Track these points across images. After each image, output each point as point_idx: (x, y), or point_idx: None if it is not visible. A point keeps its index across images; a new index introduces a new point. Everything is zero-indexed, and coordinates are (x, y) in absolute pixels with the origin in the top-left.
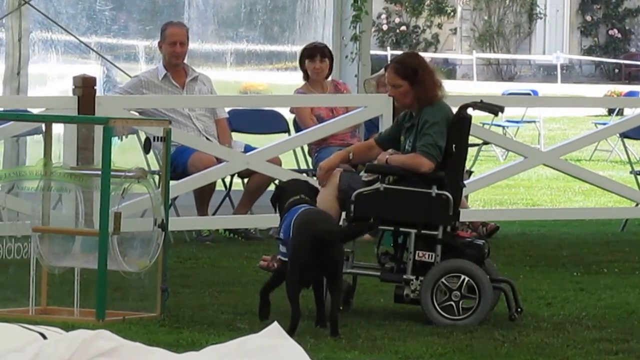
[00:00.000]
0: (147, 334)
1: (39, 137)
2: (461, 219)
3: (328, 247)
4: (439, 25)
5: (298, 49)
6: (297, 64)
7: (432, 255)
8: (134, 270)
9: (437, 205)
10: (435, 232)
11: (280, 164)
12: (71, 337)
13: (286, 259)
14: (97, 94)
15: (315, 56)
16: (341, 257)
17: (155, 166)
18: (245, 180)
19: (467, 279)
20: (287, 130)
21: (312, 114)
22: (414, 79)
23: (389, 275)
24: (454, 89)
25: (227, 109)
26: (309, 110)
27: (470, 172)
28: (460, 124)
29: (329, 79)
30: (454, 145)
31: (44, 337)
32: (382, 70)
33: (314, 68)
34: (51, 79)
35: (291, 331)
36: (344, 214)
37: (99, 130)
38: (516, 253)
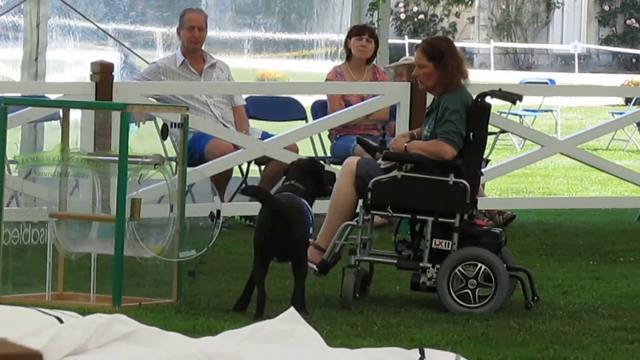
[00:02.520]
0: (163, 319)
1: (57, 123)
2: (478, 207)
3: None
4: (457, 14)
5: (315, 36)
6: (314, 51)
7: (449, 243)
8: (151, 256)
9: (455, 193)
10: (452, 220)
11: (297, 151)
12: (88, 321)
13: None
14: (115, 80)
15: (363, 34)
16: (300, 236)
17: (172, 153)
18: (262, 167)
19: (483, 267)
20: (305, 118)
21: (342, 99)
22: (439, 61)
23: (406, 263)
24: (471, 78)
25: (245, 96)
26: (339, 95)
27: (487, 161)
28: (479, 112)
29: (371, 64)
30: (471, 134)
31: (61, 321)
32: (401, 60)
33: (359, 45)
34: (69, 65)
35: (259, 314)
36: (361, 201)
37: (116, 116)
38: (532, 242)
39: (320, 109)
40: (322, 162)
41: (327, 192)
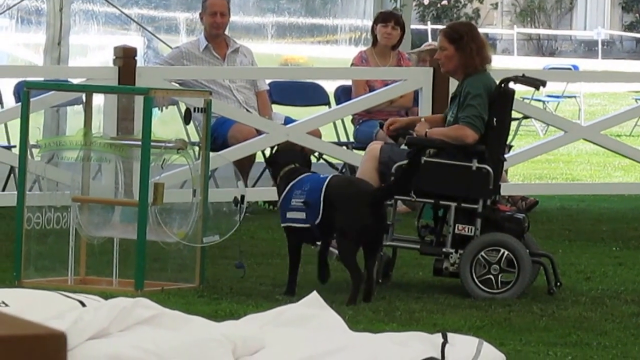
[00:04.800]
0: (186, 304)
1: (79, 108)
2: (501, 192)
3: (381, 206)
4: (480, 0)
5: (339, 22)
6: (338, 36)
7: (471, 229)
8: (174, 241)
9: (478, 179)
10: (475, 206)
11: (320, 136)
12: (110, 305)
13: (301, 225)
14: (138, 64)
15: (389, 21)
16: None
17: (195, 137)
18: None
19: (506, 252)
20: (328, 103)
21: (367, 84)
22: (459, 43)
23: (429, 248)
24: (494, 64)
25: (268, 81)
26: (364, 81)
27: (510, 147)
28: (502, 98)
29: (396, 50)
30: (495, 119)
31: (83, 304)
32: (424, 46)
33: (385, 32)
34: (92, 49)
35: (354, 298)
36: None
37: (139, 100)
38: (555, 227)
39: (343, 94)
40: (345, 147)
41: None
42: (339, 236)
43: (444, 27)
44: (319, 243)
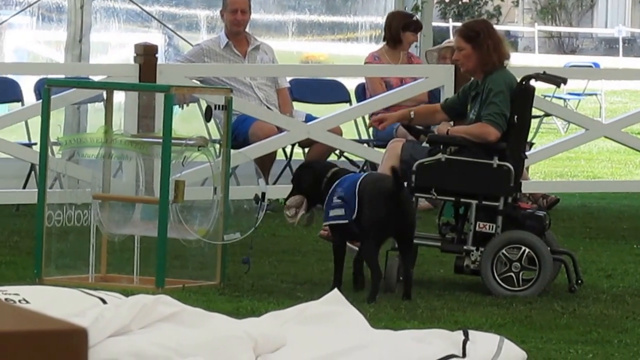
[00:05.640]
0: (207, 302)
1: (100, 105)
2: (522, 190)
3: (409, 203)
4: None
5: (360, 19)
6: (358, 34)
7: (492, 227)
8: (195, 238)
9: (499, 176)
10: (496, 203)
11: (341, 134)
12: (131, 302)
13: (341, 221)
14: (159, 62)
15: (419, 31)
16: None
17: (216, 135)
18: (306, 149)
19: (527, 250)
20: (349, 100)
21: (382, 80)
22: (475, 42)
23: (450, 246)
24: (515, 61)
25: (289, 79)
26: (379, 77)
27: (531, 144)
28: (523, 95)
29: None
30: (516, 117)
31: (104, 302)
32: (444, 43)
33: (412, 40)
34: (112, 47)
35: (373, 295)
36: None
37: (160, 98)
38: (576, 225)
39: (364, 92)
40: (366, 144)
41: None
42: (362, 233)
43: (460, 26)
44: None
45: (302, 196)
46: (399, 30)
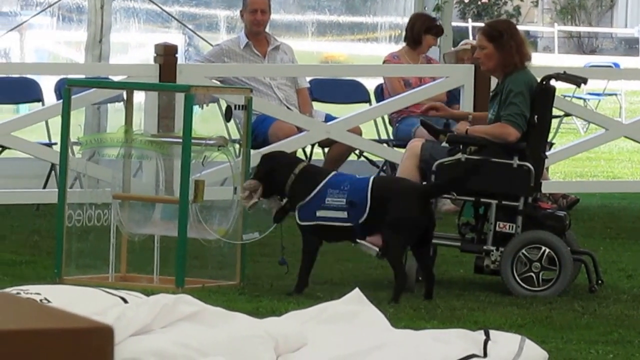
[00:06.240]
0: (227, 301)
1: (120, 105)
2: (542, 190)
3: (429, 203)
4: None
5: (379, 19)
6: (378, 34)
7: (512, 227)
8: (215, 238)
9: (519, 176)
10: (516, 203)
11: (360, 134)
12: (152, 302)
13: (342, 224)
14: (179, 62)
15: (439, 34)
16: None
17: (235, 135)
18: (326, 149)
19: (547, 250)
20: (368, 100)
21: (402, 80)
22: (498, 42)
23: (469, 246)
24: (535, 61)
25: (309, 79)
26: (398, 77)
27: (551, 144)
28: (543, 95)
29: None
30: (536, 117)
31: (125, 301)
32: (461, 44)
33: (432, 44)
34: (132, 47)
35: (397, 295)
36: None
37: (180, 98)
38: (596, 225)
39: (383, 92)
40: (385, 144)
41: None
42: (388, 233)
43: (483, 25)
44: (359, 240)
45: (259, 182)
46: (421, 32)
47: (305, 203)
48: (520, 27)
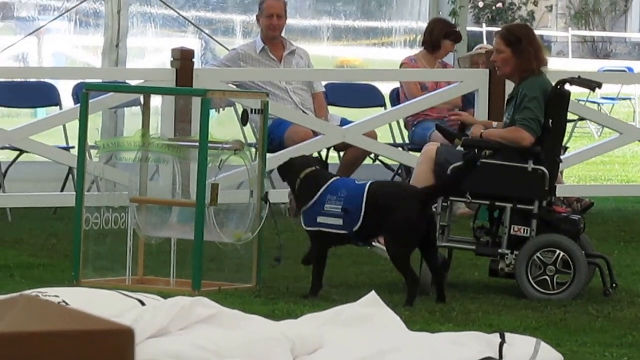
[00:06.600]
0: (243, 304)
1: (137, 109)
2: (557, 194)
3: (429, 206)
4: (535, 3)
5: (395, 24)
6: (393, 39)
7: (527, 230)
8: (230, 242)
9: (533, 180)
10: (531, 207)
11: (376, 138)
12: (170, 304)
13: (339, 231)
14: (195, 66)
15: (457, 40)
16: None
17: (252, 139)
18: (342, 153)
19: (562, 254)
20: (384, 105)
21: (418, 83)
22: (517, 47)
23: (484, 249)
24: (550, 66)
25: (324, 83)
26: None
27: (565, 148)
28: (558, 100)
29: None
30: (551, 121)
31: (143, 303)
32: (476, 49)
33: (450, 49)
34: (149, 52)
35: (411, 299)
36: None
37: (196, 102)
38: (611, 229)
39: (399, 96)
40: (401, 148)
41: None
42: (390, 240)
43: (500, 29)
44: (375, 244)
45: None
46: (440, 37)
47: (308, 208)
48: (535, 33)
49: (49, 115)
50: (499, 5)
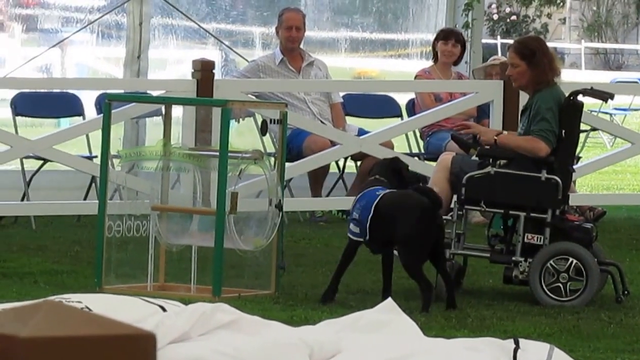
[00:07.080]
0: (262, 310)
1: (158, 119)
2: (569, 203)
3: (437, 216)
4: (549, 15)
5: (411, 36)
6: (409, 50)
7: (540, 238)
8: (249, 249)
9: (547, 189)
10: (544, 216)
11: (392, 148)
12: (190, 310)
13: (356, 238)
14: (215, 77)
15: (449, 38)
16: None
17: (271, 148)
18: (359, 162)
19: (575, 261)
20: (400, 115)
21: (432, 95)
22: (531, 60)
23: (499, 257)
24: (563, 77)
25: (342, 94)
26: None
27: (578, 158)
28: (571, 110)
29: (456, 67)
30: (564, 131)
31: (164, 309)
32: (490, 60)
33: (445, 50)
34: (170, 63)
35: (426, 305)
36: (455, 196)
37: (217, 112)
38: (623, 237)
39: (414, 107)
40: (417, 158)
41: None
42: (401, 249)
43: (513, 42)
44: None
45: None
46: (435, 45)
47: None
48: (548, 44)
49: (72, 125)
50: (513, 17)
